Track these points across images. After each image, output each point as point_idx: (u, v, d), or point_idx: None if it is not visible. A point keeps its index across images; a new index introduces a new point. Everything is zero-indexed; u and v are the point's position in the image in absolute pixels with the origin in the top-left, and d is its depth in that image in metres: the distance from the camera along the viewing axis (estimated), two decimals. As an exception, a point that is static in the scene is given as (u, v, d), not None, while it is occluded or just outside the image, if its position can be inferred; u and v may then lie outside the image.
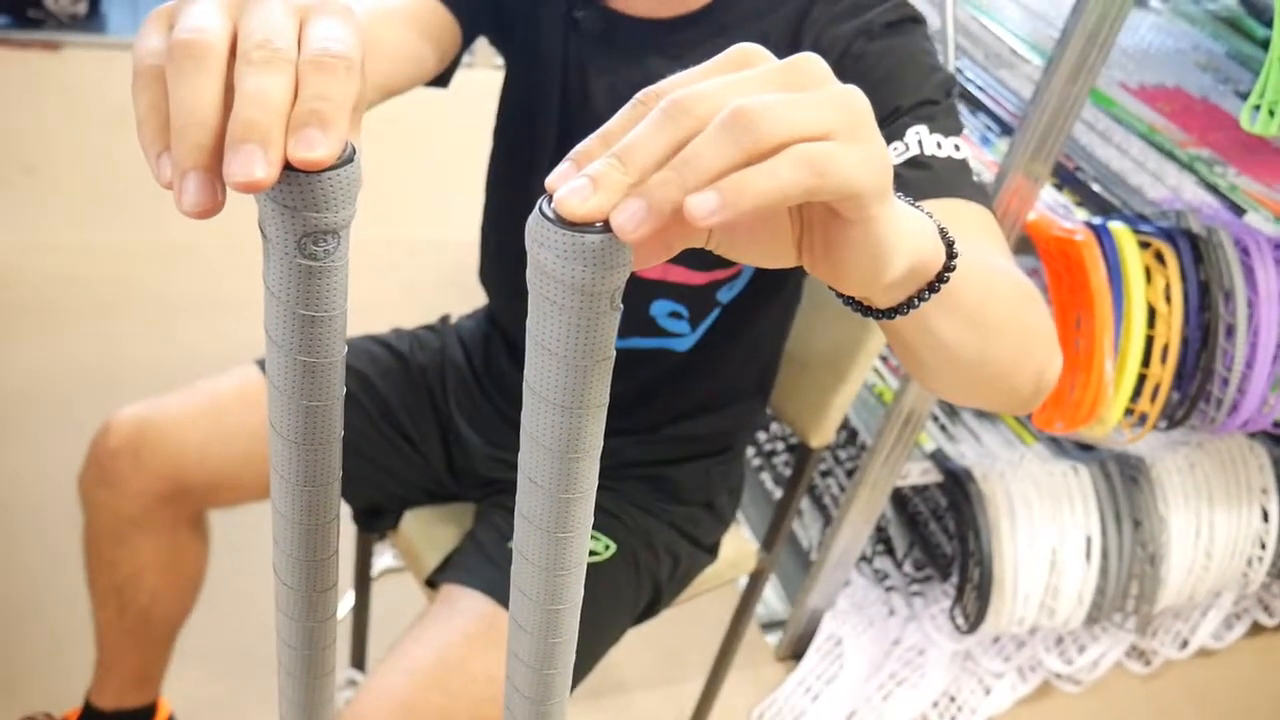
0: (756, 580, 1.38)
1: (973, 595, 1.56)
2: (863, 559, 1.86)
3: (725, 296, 1.02)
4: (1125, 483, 1.61)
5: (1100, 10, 1.12)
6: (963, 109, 1.60)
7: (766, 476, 2.01)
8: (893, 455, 1.51)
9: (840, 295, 0.52)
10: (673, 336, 1.04)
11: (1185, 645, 1.92)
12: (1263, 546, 1.76)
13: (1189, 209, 1.41)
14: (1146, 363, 1.29)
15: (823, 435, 1.21)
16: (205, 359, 1.19)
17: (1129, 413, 1.32)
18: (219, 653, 1.56)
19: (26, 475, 1.79)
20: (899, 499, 1.94)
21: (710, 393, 1.10)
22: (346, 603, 1.55)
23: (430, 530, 1.19)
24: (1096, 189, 1.48)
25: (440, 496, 1.20)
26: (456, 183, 2.14)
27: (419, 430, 1.16)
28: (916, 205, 0.50)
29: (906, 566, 1.82)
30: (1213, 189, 1.53)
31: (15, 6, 2.99)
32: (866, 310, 0.52)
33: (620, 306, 0.39)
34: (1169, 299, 1.29)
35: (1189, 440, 1.74)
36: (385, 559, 1.75)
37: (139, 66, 0.38)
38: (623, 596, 1.06)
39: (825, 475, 1.97)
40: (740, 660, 1.63)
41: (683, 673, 1.67)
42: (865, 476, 1.53)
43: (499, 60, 1.06)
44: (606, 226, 0.36)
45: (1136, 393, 1.31)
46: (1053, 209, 1.36)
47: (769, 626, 1.82)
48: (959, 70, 1.69)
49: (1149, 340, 1.29)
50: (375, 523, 1.22)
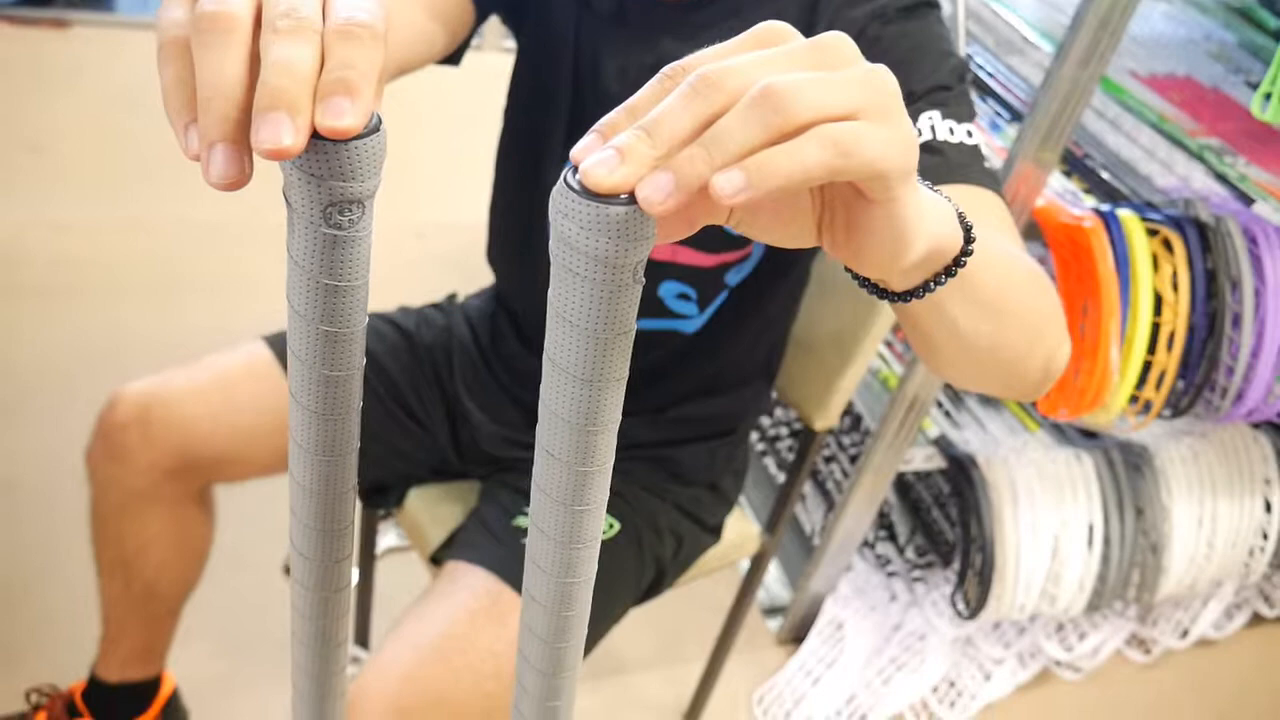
0: (758, 562, 1.39)
1: (974, 581, 1.57)
2: (865, 544, 1.86)
3: (734, 279, 1.02)
4: (1129, 471, 1.61)
5: (1112, -3, 1.12)
6: (973, 95, 1.60)
7: (770, 461, 2.02)
8: (897, 440, 1.51)
9: (856, 277, 0.52)
10: (680, 318, 1.04)
11: (1185, 634, 1.93)
12: (1265, 537, 1.77)
13: (1197, 198, 1.41)
14: (1152, 350, 1.29)
15: (827, 418, 1.22)
16: (212, 338, 1.19)
17: (1134, 400, 1.32)
18: (224, 629, 1.57)
19: (33, 453, 1.80)
20: (902, 485, 1.94)
21: (716, 375, 1.11)
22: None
23: (435, 508, 1.20)
24: (1105, 177, 1.48)
25: (445, 474, 1.21)
26: (463, 165, 2.14)
27: (425, 408, 1.17)
28: (934, 189, 0.50)
29: (909, 552, 1.83)
30: (1222, 178, 1.53)
31: (24, -16, 2.99)
32: (882, 293, 0.52)
33: (642, 280, 0.39)
34: (1176, 287, 1.29)
35: (1193, 430, 1.74)
36: (389, 538, 1.76)
37: (163, 39, 0.38)
38: (626, 575, 1.07)
39: (829, 461, 1.97)
40: (741, 643, 1.64)
41: (684, 655, 1.68)
42: (869, 461, 1.54)
43: (508, 43, 1.06)
44: (631, 199, 0.37)
45: (1142, 380, 1.31)
46: (1061, 196, 1.36)
47: (770, 612, 1.82)
48: (969, 56, 1.69)
49: (1155, 328, 1.29)
50: (380, 500, 1.22)
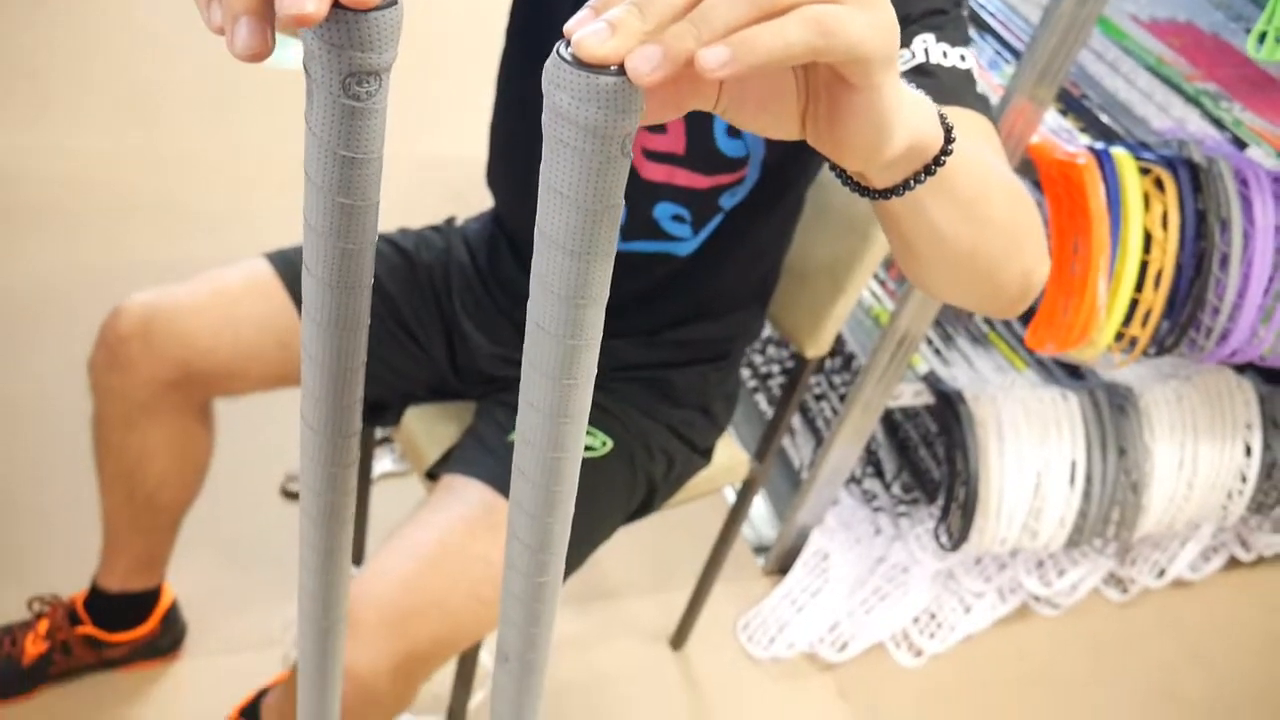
0: (747, 490, 1.41)
1: (958, 514, 1.60)
2: (852, 480, 1.89)
3: (728, 202, 1.03)
4: (1113, 411, 1.64)
5: (1114, -70, 1.12)
6: (973, 33, 1.60)
7: (761, 398, 2.04)
8: (886, 375, 1.54)
9: (839, 175, 0.54)
10: (675, 240, 1.05)
11: (1162, 574, 1.97)
12: (1244, 480, 1.80)
13: (1192, 140, 1.42)
14: (1140, 288, 1.31)
15: (819, 346, 1.24)
16: (211, 265, 1.21)
17: (1119, 337, 1.35)
18: (222, 547, 1.60)
19: (32, 371, 1.82)
20: (890, 424, 1.97)
21: (710, 299, 1.13)
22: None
23: (432, 426, 1.22)
24: (1102, 117, 1.49)
25: (442, 394, 1.23)
26: (461, 98, 2.14)
27: (423, 327, 1.19)
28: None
29: (895, 488, 1.86)
30: (1217, 123, 1.54)
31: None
32: (864, 190, 0.54)
33: (630, 154, 0.41)
34: (1166, 226, 1.30)
35: (1177, 373, 1.77)
36: (385, 463, 1.78)
37: None
38: (617, 492, 1.09)
39: (819, 399, 2.00)
40: (728, 574, 1.67)
41: (672, 583, 1.72)
42: (858, 395, 1.56)
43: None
44: (621, 70, 0.38)
45: (1128, 318, 1.33)
46: (1057, 134, 1.37)
47: (758, 551, 1.86)
48: (971, -5, 1.69)
49: (1143, 266, 1.31)
50: (378, 418, 1.24)
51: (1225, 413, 1.76)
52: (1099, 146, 1.34)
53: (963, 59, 0.79)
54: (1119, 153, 1.31)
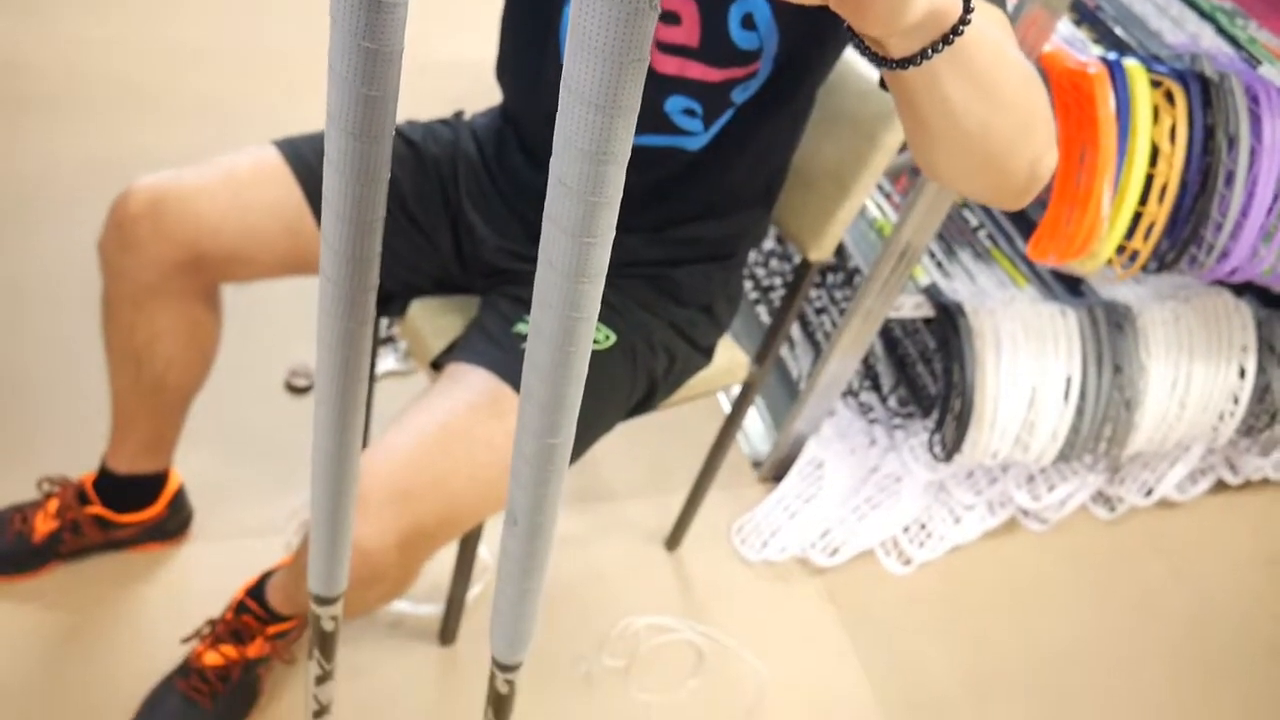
0: (745, 394, 1.43)
1: (952, 425, 1.62)
2: (849, 393, 1.92)
3: (740, 97, 1.03)
4: (1110, 329, 1.66)
5: None
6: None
7: (762, 310, 2.06)
8: (888, 286, 1.55)
9: (858, 45, 0.54)
10: (685, 135, 1.05)
11: (1150, 494, 2.01)
12: (1235, 403, 1.82)
13: (1205, 55, 1.41)
14: (1144, 201, 1.31)
15: (822, 250, 1.25)
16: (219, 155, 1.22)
17: (1121, 250, 1.35)
18: (228, 439, 1.62)
19: (42, 256, 1.83)
20: (889, 340, 1.99)
21: (718, 196, 1.13)
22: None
23: (436, 319, 1.24)
24: (1116, 30, 1.48)
25: (447, 286, 1.24)
26: (466, 3, 2.12)
27: (429, 218, 1.19)
28: None
29: (891, 402, 1.89)
30: (1231, 40, 1.53)
31: None
32: (882, 60, 0.54)
33: (658, 8, 0.42)
34: (1174, 139, 1.30)
35: (1177, 294, 1.78)
36: (388, 362, 1.80)
37: None
38: (619, 385, 1.11)
39: (820, 313, 2.01)
40: (724, 480, 1.71)
41: (669, 486, 1.75)
42: (859, 305, 1.57)
43: None
44: None
45: (1131, 231, 1.34)
46: (1070, 43, 1.36)
47: (755, 465, 1.88)
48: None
49: (1149, 179, 1.31)
50: (383, 308, 1.26)
51: (1222, 335, 1.78)
52: (1111, 57, 1.33)
53: None
54: (1130, 64, 1.30)
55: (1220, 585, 1.99)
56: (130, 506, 1.38)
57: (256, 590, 1.27)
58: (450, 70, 2.38)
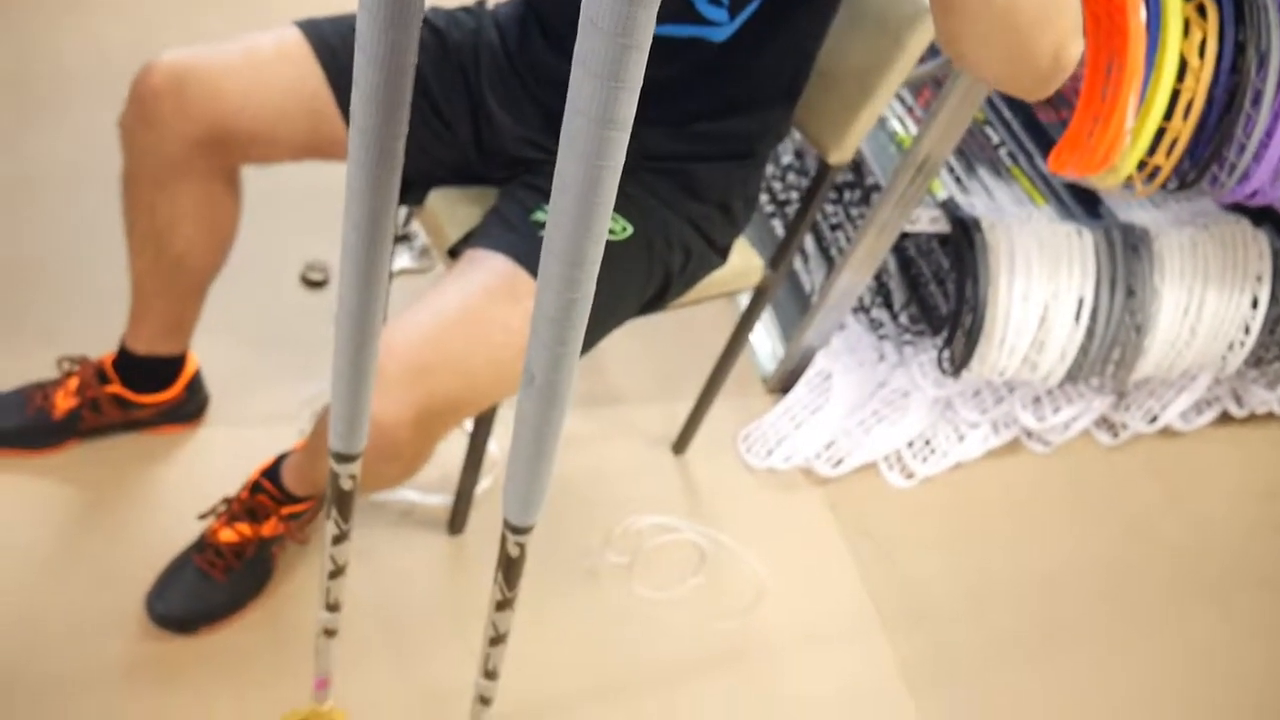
0: (758, 299, 1.44)
1: (962, 340, 1.63)
2: (860, 309, 1.92)
3: (766, -13, 1.02)
4: (1126, 251, 1.65)
5: None
6: None
7: (778, 223, 2.05)
8: (905, 198, 1.54)
9: None
10: (710, 25, 1.05)
11: (1154, 421, 2.02)
12: (1246, 332, 1.83)
13: (1240, -29, 1.39)
14: (1169, 117, 1.31)
15: (842, 153, 1.24)
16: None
17: (1142, 166, 1.35)
18: (244, 328, 1.64)
19: (60, 141, 1.84)
20: (903, 259, 1.99)
21: (741, 92, 1.12)
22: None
23: (454, 208, 1.24)
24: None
25: (466, 177, 1.25)
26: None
27: (450, 106, 1.19)
28: None
29: (902, 318, 1.89)
30: (1268, -42, 1.50)
31: None
32: None
33: None
34: (1203, 55, 1.29)
35: (1195, 220, 1.78)
36: (403, 260, 1.81)
37: None
38: (634, 277, 1.12)
39: (835, 229, 2.01)
40: (732, 389, 1.72)
41: (678, 393, 1.77)
42: (875, 217, 1.57)
43: None
44: None
45: (1153, 148, 1.33)
46: (1103, -47, 1.33)
47: (763, 381, 1.90)
48: None
49: (1175, 95, 1.30)
50: (402, 196, 1.25)
51: (1238, 263, 1.77)
52: (1145, -32, 1.31)
53: None
54: (1165, -25, 1.28)
55: (1217, 515, 2.01)
56: (148, 388, 1.40)
57: (272, 471, 1.30)
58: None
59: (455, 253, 1.19)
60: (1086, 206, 1.73)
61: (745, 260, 1.34)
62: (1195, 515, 1.99)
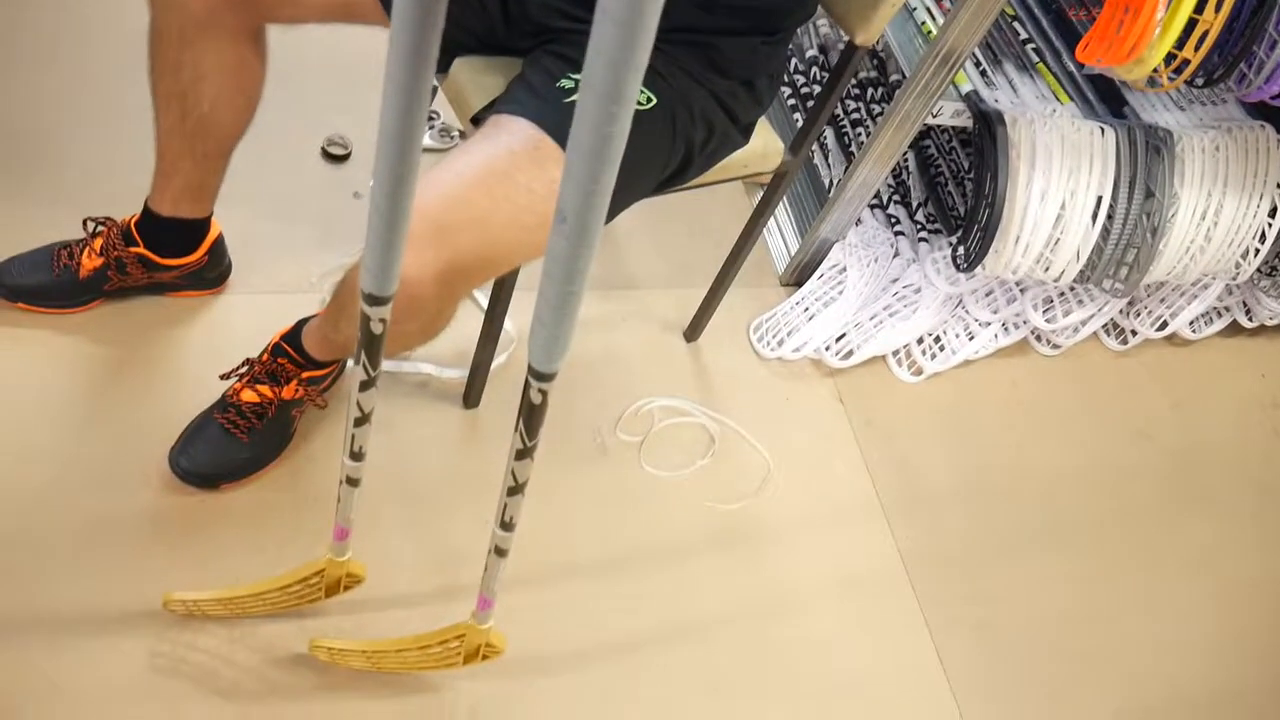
0: (776, 184, 1.44)
1: (978, 236, 1.64)
2: (877, 205, 1.93)
3: None
4: (1148, 153, 1.65)
5: None
6: None
7: (799, 117, 2.04)
8: (928, 89, 1.53)
9: None
10: (742, -108, 1.04)
11: (1164, 327, 2.04)
12: (1262, 240, 1.83)
13: None
14: (1200, 10, 1.29)
15: (869, 33, 1.24)
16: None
17: (1170, 60, 1.34)
18: (266, 199, 1.65)
19: (86, 2, 1.83)
20: (923, 158, 1.98)
21: (769, -36, 1.12)
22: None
23: (479, 77, 1.24)
24: None
25: (492, 46, 1.24)
26: None
27: (478, -30, 1.18)
28: None
29: (918, 216, 1.90)
30: None
31: None
32: None
33: None
34: (1240, -54, 1.27)
35: (1219, 124, 1.76)
36: (425, 139, 1.81)
37: None
38: (657, 148, 1.13)
39: (856, 125, 1.99)
40: (746, 279, 1.74)
41: (692, 281, 1.78)
42: (898, 108, 1.56)
43: None
44: None
45: (1182, 41, 1.32)
46: None
47: (777, 275, 1.91)
48: None
49: (1209, -14, 1.28)
50: (427, 64, 1.26)
51: (1259, 170, 1.77)
52: None
53: None
54: None
55: (1219, 423, 2.04)
56: (172, 251, 1.42)
57: (291, 336, 1.32)
58: None
59: (479, 121, 1.19)
60: (1111, 106, 1.72)
61: (766, 142, 1.34)
62: (1198, 423, 2.02)
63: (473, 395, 1.53)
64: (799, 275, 1.87)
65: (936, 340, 1.85)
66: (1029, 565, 1.66)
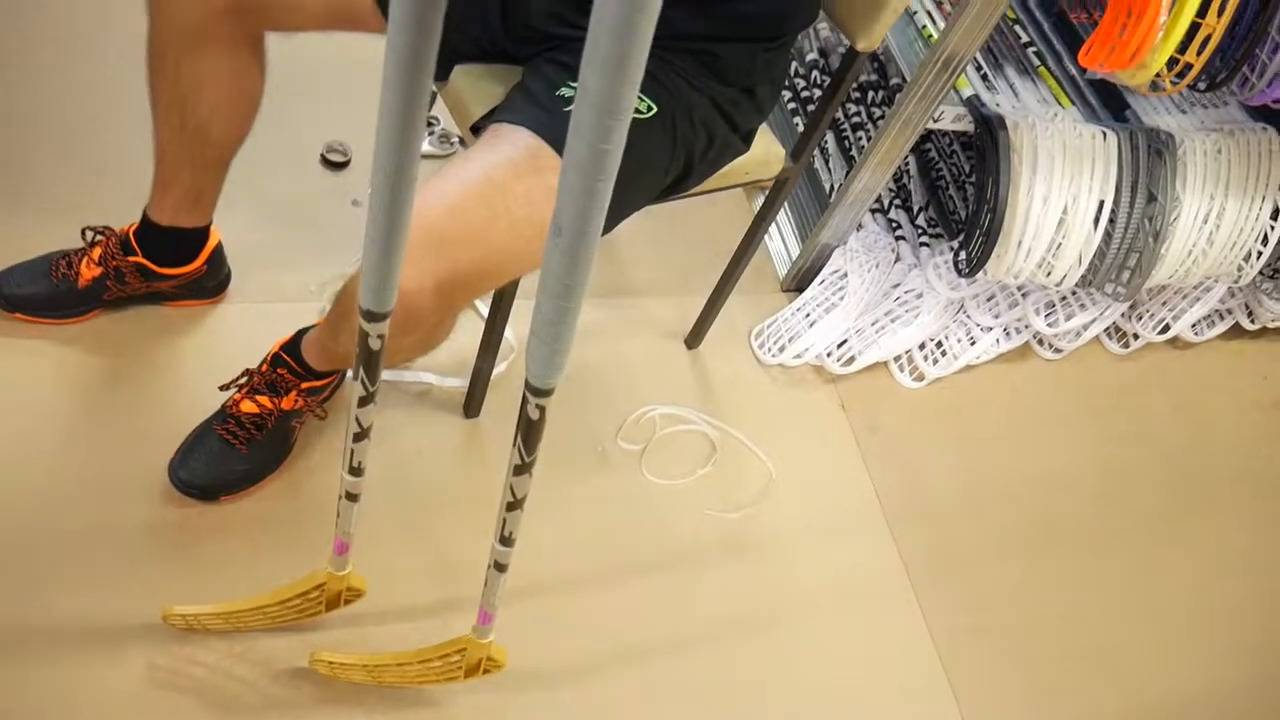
0: (777, 191, 1.44)
1: (980, 240, 1.63)
2: (879, 210, 1.92)
3: None
4: (1150, 155, 1.64)
5: None
6: None
7: (800, 122, 2.04)
8: (929, 93, 1.53)
9: None
10: (742, -101, 1.03)
11: (1166, 330, 2.03)
12: (1264, 243, 1.82)
13: None
14: (1203, 14, 1.28)
15: (871, 39, 1.23)
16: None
17: (1173, 64, 1.33)
18: (265, 207, 1.65)
19: (84, 11, 1.82)
20: (924, 162, 1.97)
21: (769, -30, 1.11)
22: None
23: (478, 84, 1.24)
24: None
25: (491, 54, 1.24)
26: None
27: (476, -22, 1.18)
28: None
29: (919, 220, 1.89)
30: None
31: None
32: None
33: None
34: (1242, -50, 1.26)
35: (1221, 127, 1.76)
36: (424, 145, 1.80)
37: None
38: (657, 157, 1.12)
39: (857, 129, 1.99)
40: (747, 286, 1.73)
41: (693, 288, 1.77)
42: (899, 112, 1.56)
43: None
44: None
45: (1185, 45, 1.31)
46: None
47: (778, 280, 1.90)
48: None
49: (1211, -10, 1.28)
50: (425, 73, 1.25)
51: (1261, 173, 1.76)
52: None
53: None
54: None
55: (1220, 425, 2.04)
56: (171, 261, 1.41)
57: (291, 346, 1.32)
58: None
59: (479, 129, 1.19)
60: (1112, 109, 1.71)
61: (767, 149, 1.33)
62: (1199, 425, 2.01)
63: (473, 404, 1.52)
64: (800, 281, 1.86)
65: (938, 345, 1.85)
66: (1030, 568, 1.66)
